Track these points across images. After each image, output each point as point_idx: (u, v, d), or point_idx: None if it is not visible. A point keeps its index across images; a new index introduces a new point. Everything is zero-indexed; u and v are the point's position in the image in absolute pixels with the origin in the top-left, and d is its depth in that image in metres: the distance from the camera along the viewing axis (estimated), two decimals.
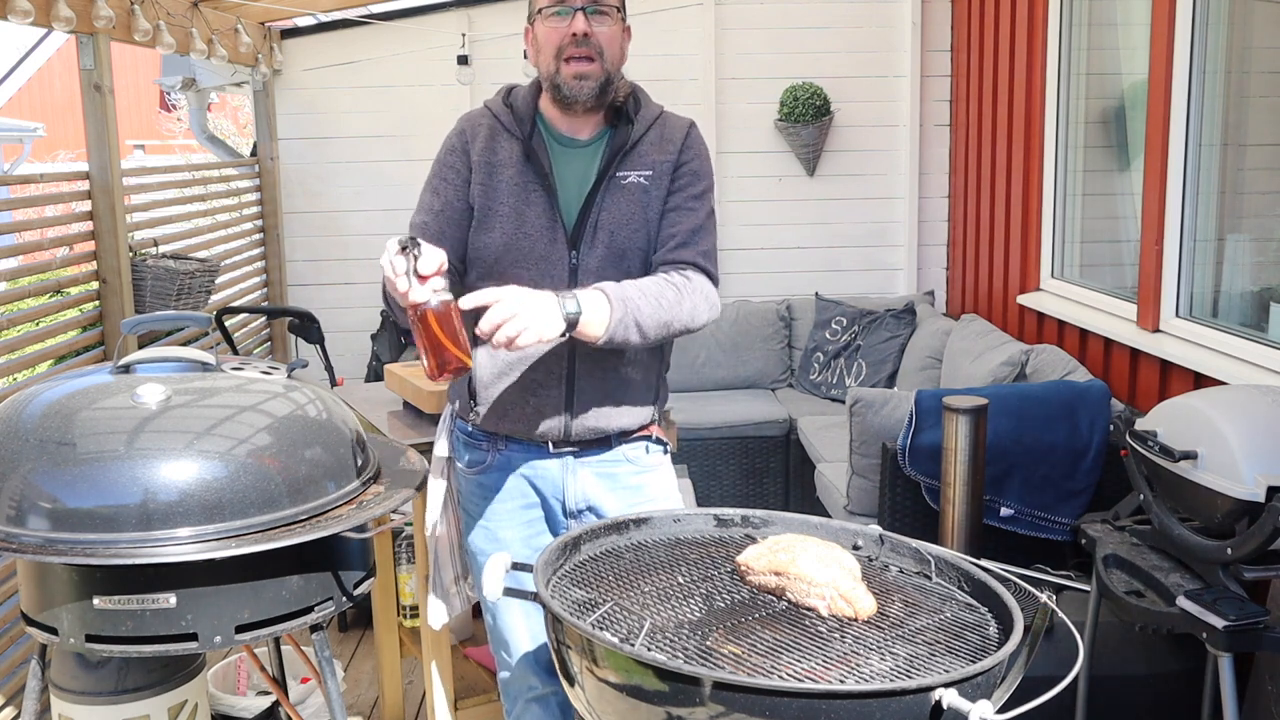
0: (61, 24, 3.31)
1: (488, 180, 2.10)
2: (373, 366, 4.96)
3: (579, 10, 2.03)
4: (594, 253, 2.08)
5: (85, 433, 1.75)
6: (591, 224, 2.09)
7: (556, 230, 2.08)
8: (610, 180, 2.10)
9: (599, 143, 2.14)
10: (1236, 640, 2.11)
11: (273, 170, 5.50)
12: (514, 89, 2.22)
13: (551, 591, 1.54)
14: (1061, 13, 4.33)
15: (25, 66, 15.17)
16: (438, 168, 2.15)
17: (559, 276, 2.07)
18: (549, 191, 2.09)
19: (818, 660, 1.38)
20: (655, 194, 2.11)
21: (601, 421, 2.13)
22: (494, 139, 2.12)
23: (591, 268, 2.07)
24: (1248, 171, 3.59)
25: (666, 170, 2.13)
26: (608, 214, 2.09)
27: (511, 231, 2.08)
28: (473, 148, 2.12)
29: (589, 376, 2.11)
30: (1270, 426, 2.19)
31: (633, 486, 2.20)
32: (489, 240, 2.09)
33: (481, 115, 2.18)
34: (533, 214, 2.08)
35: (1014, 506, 3.39)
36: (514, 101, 2.17)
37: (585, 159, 2.13)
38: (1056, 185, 4.44)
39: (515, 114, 2.14)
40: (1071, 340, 4.13)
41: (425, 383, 2.61)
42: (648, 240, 2.11)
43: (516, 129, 2.12)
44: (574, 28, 2.03)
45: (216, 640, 1.76)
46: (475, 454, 2.21)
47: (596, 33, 2.04)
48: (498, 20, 5.51)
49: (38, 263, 3.83)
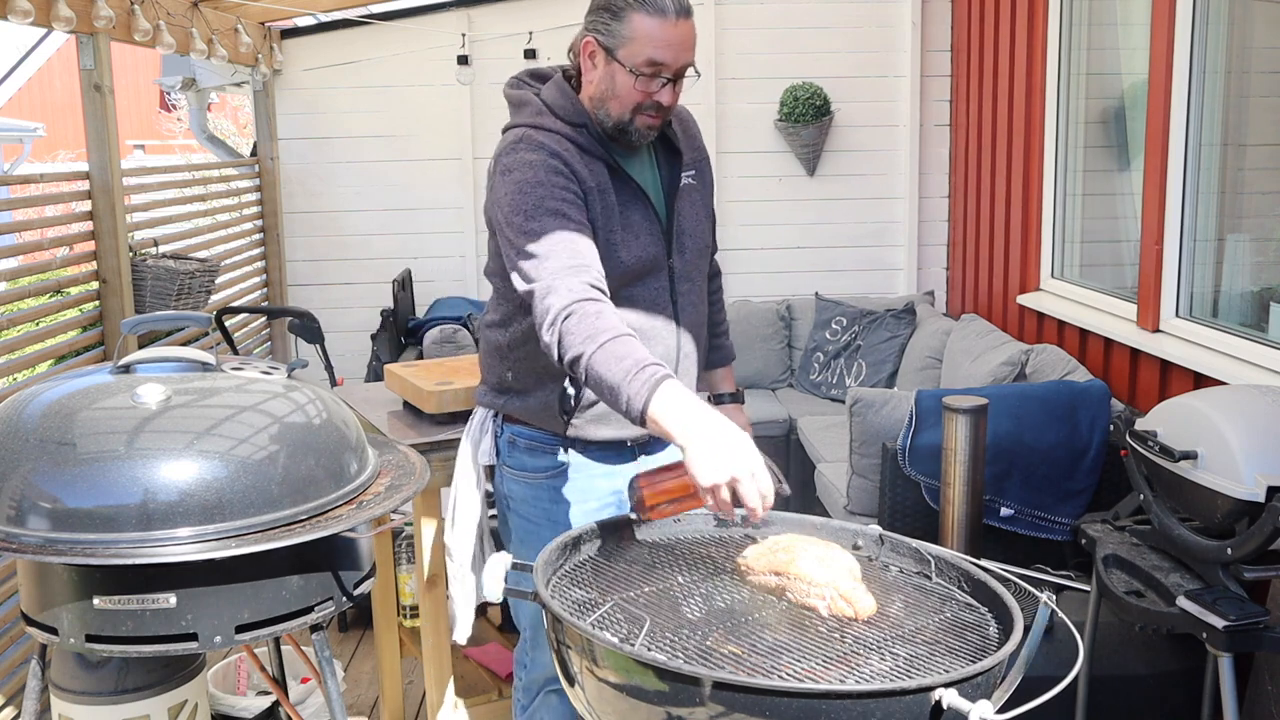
0: (61, 24, 3.31)
1: (599, 203, 2.01)
2: (373, 366, 4.96)
3: (670, 82, 2.00)
4: (684, 257, 2.12)
5: (85, 433, 1.75)
6: (677, 230, 2.12)
7: (659, 241, 2.10)
8: (677, 185, 2.13)
9: (645, 151, 2.15)
10: (1236, 640, 2.11)
11: (273, 170, 5.50)
12: (545, 100, 2.08)
13: (551, 591, 1.54)
14: (1061, 13, 4.33)
15: (25, 66, 15.17)
16: (547, 191, 1.92)
17: (663, 285, 2.10)
18: (646, 204, 2.08)
19: (818, 660, 1.38)
20: (702, 190, 2.19)
21: None
22: (584, 162, 2.02)
23: (683, 272, 2.12)
24: (1248, 171, 3.59)
25: (703, 168, 2.21)
26: (684, 218, 2.13)
27: (627, 255, 2.04)
28: (575, 171, 1.98)
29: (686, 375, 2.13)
30: (1270, 426, 2.19)
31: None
32: (610, 267, 1.97)
33: (555, 141, 2.00)
34: (634, 232, 2.06)
35: (1014, 506, 3.39)
36: (579, 119, 2.05)
37: (646, 166, 2.14)
38: (1056, 185, 4.44)
39: (589, 132, 2.05)
40: (1071, 340, 4.13)
41: (425, 383, 2.61)
42: (710, 236, 2.22)
43: (596, 149, 2.04)
44: (661, 98, 2.00)
45: (216, 640, 1.76)
46: (544, 459, 2.14)
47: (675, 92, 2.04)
48: (498, 20, 5.51)
49: (38, 263, 3.83)
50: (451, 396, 2.53)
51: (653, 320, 2.08)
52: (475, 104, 5.59)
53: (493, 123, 5.63)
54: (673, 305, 2.11)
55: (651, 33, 1.95)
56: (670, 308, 2.11)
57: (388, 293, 5.29)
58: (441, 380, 2.60)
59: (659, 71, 1.98)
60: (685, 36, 1.98)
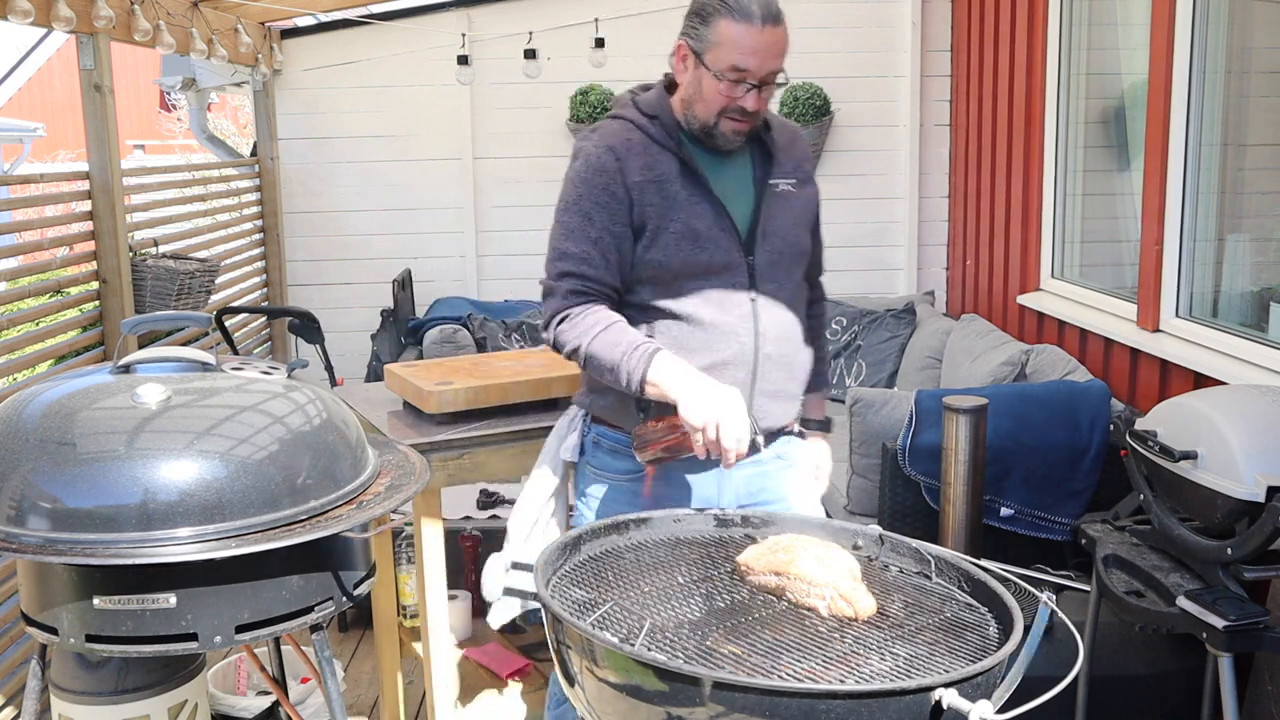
0: (61, 24, 3.31)
1: (656, 196, 2.05)
2: (373, 366, 4.96)
3: (755, 88, 2.01)
4: (766, 256, 2.13)
5: (85, 433, 1.75)
6: (761, 230, 2.12)
7: (730, 237, 2.09)
8: (766, 188, 2.14)
9: (742, 153, 2.15)
10: (1236, 640, 2.11)
11: (273, 170, 5.50)
12: (637, 95, 2.17)
13: (551, 591, 1.54)
14: (1061, 13, 4.33)
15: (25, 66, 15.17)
16: (586, 189, 2.05)
17: (740, 282, 2.10)
18: (715, 200, 2.09)
19: (818, 660, 1.38)
20: (800, 198, 2.20)
21: (773, 420, 2.17)
22: (649, 153, 2.07)
23: (767, 271, 2.12)
24: (1248, 171, 3.59)
25: (806, 178, 2.23)
26: (772, 221, 2.14)
27: (688, 246, 2.06)
28: (628, 165, 2.05)
29: (767, 392, 2.14)
30: (1270, 426, 2.19)
31: (782, 483, 2.24)
32: (665, 256, 2.06)
33: (626, 130, 2.10)
34: (703, 225, 2.07)
35: (1014, 506, 3.39)
36: (656, 112, 2.11)
37: (735, 167, 2.15)
38: (1056, 185, 4.44)
39: (662, 124, 2.09)
40: (1071, 340, 4.13)
41: (425, 383, 2.61)
42: (807, 244, 2.23)
43: (668, 141, 2.08)
44: (746, 104, 2.02)
45: (216, 640, 1.76)
46: (626, 462, 2.15)
47: (761, 98, 2.04)
48: (498, 20, 5.51)
49: (38, 263, 3.83)
50: (451, 396, 2.53)
51: (726, 315, 2.09)
52: (475, 104, 5.59)
53: (493, 123, 5.63)
54: (752, 303, 2.11)
55: (737, 39, 1.97)
56: (748, 305, 2.11)
57: (388, 293, 5.29)
58: (441, 380, 2.60)
59: (743, 77, 1.99)
60: (772, 43, 1.98)
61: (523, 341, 5.05)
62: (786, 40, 2.01)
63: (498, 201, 5.72)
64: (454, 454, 2.46)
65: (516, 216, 5.74)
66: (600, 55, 5.26)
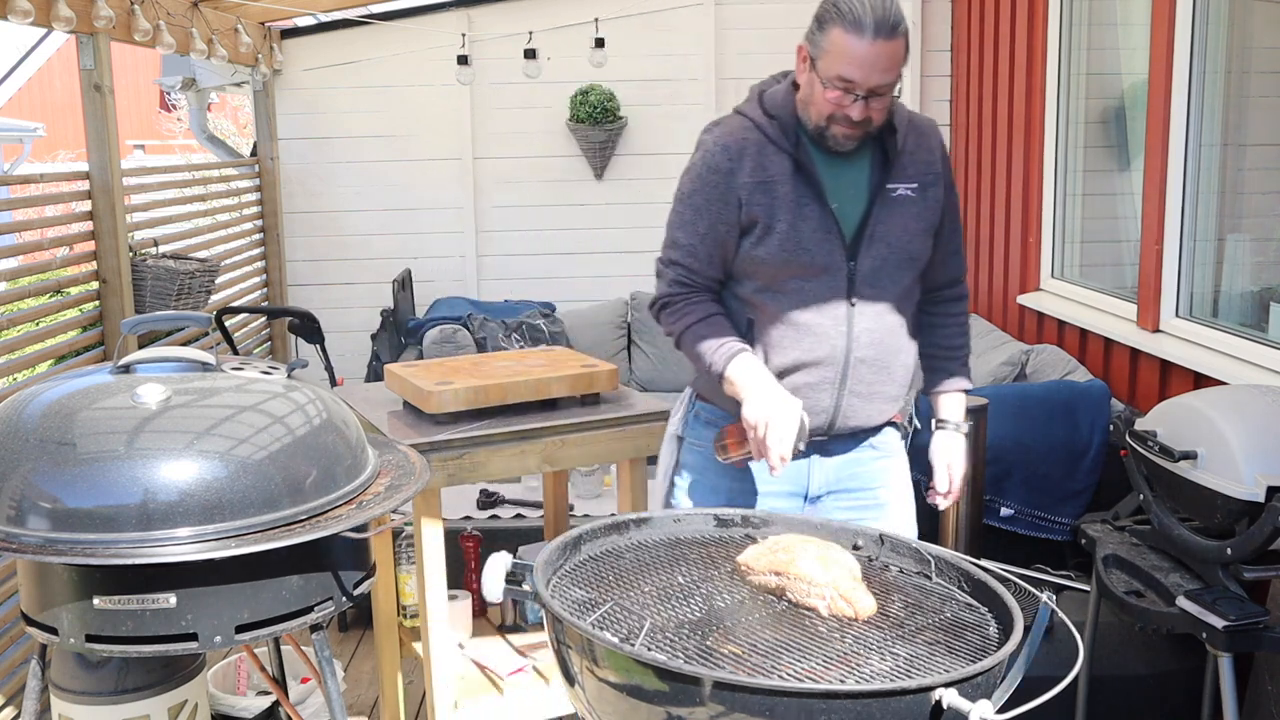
0: (61, 24, 3.31)
1: (764, 197, 2.09)
2: (373, 366, 4.96)
3: (861, 98, 2.01)
4: (871, 262, 2.13)
5: (85, 433, 1.75)
6: (869, 235, 2.13)
7: (834, 240, 2.11)
8: (881, 193, 2.13)
9: (864, 152, 2.15)
10: (1236, 640, 2.11)
11: (273, 170, 5.50)
12: (765, 93, 2.18)
13: (551, 591, 1.54)
14: (1061, 13, 4.33)
15: (25, 66, 15.17)
16: (699, 184, 2.13)
17: (838, 286, 2.12)
18: (823, 203, 2.10)
19: (818, 660, 1.38)
20: (922, 205, 2.17)
21: (861, 420, 2.20)
22: (763, 154, 2.11)
23: (868, 276, 2.13)
24: (1248, 171, 3.59)
25: (931, 181, 2.19)
26: (883, 225, 2.13)
27: (791, 245, 2.09)
28: (740, 167, 2.10)
29: (859, 393, 2.17)
30: (1270, 426, 2.19)
31: (874, 472, 2.27)
32: (768, 254, 2.10)
33: (744, 129, 2.14)
34: (808, 227, 2.09)
35: (1014, 506, 3.39)
36: (777, 112, 2.13)
37: (853, 169, 2.15)
38: (1056, 185, 4.44)
39: (780, 125, 2.12)
40: (1071, 340, 4.13)
41: (425, 383, 2.61)
42: (920, 250, 2.19)
43: (784, 142, 2.11)
44: (852, 114, 2.02)
45: (216, 640, 1.76)
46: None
47: (871, 109, 2.03)
48: (498, 20, 5.51)
49: (38, 263, 3.83)
50: (451, 396, 2.53)
51: (820, 317, 2.12)
52: (475, 104, 5.59)
53: (492, 123, 5.64)
54: (848, 308, 2.13)
55: (845, 49, 1.97)
56: (844, 308, 2.13)
57: (388, 293, 5.29)
58: (441, 380, 2.60)
59: (850, 88, 2.00)
60: (881, 56, 1.97)
61: (523, 341, 5.05)
62: (901, 54, 2.00)
63: (498, 201, 5.72)
64: (454, 454, 2.46)
65: (516, 216, 5.74)
66: (600, 55, 5.26)
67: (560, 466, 2.66)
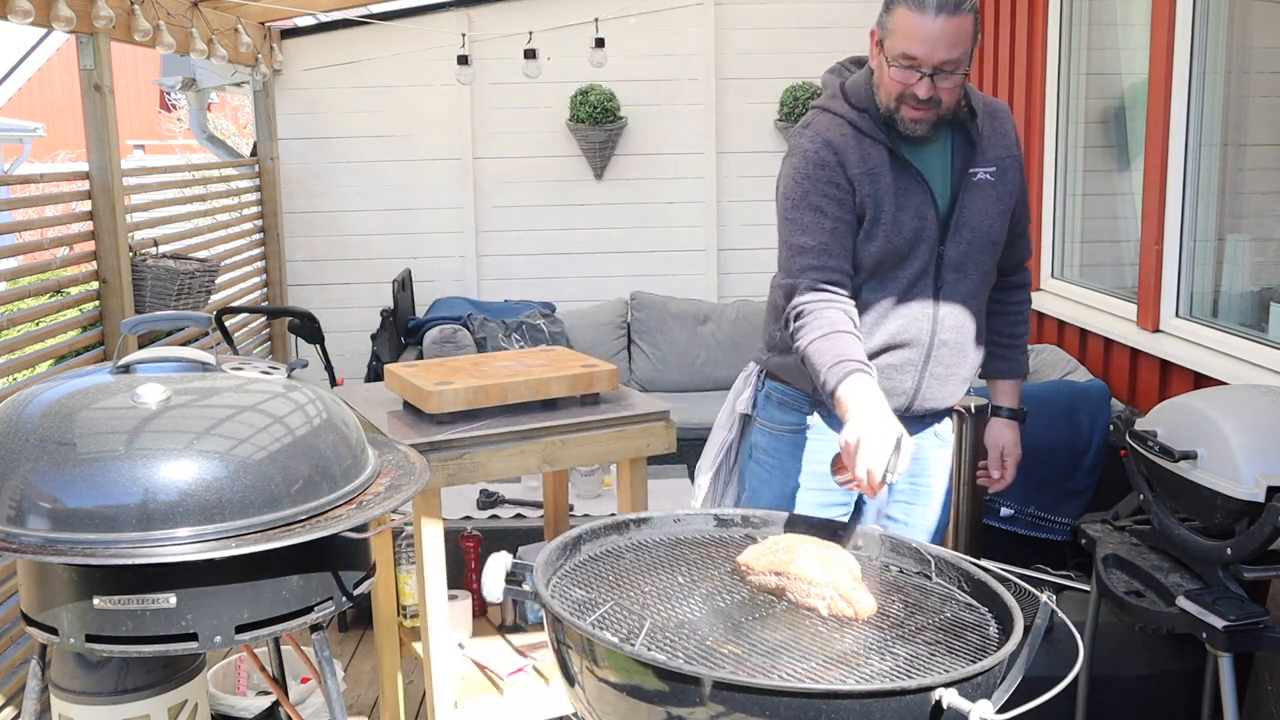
0: (61, 24, 3.31)
1: (872, 187, 2.11)
2: (373, 366, 4.96)
3: (927, 76, 2.02)
4: (958, 247, 2.16)
5: (85, 433, 1.75)
6: (956, 220, 2.16)
7: (929, 227, 2.14)
8: (964, 178, 2.16)
9: (944, 139, 2.18)
10: (1236, 640, 2.11)
11: (273, 170, 5.50)
12: (846, 85, 2.19)
13: (551, 591, 1.54)
14: (1061, 13, 4.33)
15: (25, 66, 15.16)
16: (812, 185, 2.11)
17: (927, 272, 2.16)
18: (924, 189, 2.13)
19: (818, 660, 1.38)
20: (1001, 189, 2.20)
21: (936, 401, 2.25)
22: (861, 146, 2.13)
23: (954, 262, 2.17)
24: (1248, 171, 3.59)
25: (1009, 165, 2.21)
26: (968, 210, 2.17)
27: (894, 235, 2.12)
28: (846, 159, 2.11)
29: (938, 375, 2.21)
30: (1270, 426, 2.19)
31: (931, 459, 2.32)
32: (874, 247, 2.13)
33: (838, 125, 2.15)
34: (907, 216, 2.13)
35: (1014, 506, 3.39)
36: (865, 104, 2.15)
37: (936, 153, 2.17)
38: (1056, 185, 4.44)
39: (871, 117, 2.14)
40: (1071, 340, 4.13)
41: (425, 383, 2.61)
42: (1000, 234, 2.23)
43: (878, 133, 2.13)
44: (918, 91, 2.04)
45: (216, 640, 1.76)
46: (792, 415, 2.28)
47: (939, 89, 2.04)
48: (498, 20, 5.51)
49: (38, 263, 3.83)
50: (451, 396, 2.53)
51: (909, 301, 2.16)
52: (475, 104, 5.59)
53: (492, 123, 5.64)
54: (934, 290, 2.17)
55: (908, 27, 2.00)
56: (931, 292, 2.17)
57: (388, 293, 5.29)
58: (441, 380, 2.60)
59: (915, 65, 2.02)
60: (944, 33, 1.99)
61: (523, 341, 5.05)
62: (968, 31, 2.01)
63: (498, 201, 5.73)
64: (454, 454, 2.46)
65: (516, 216, 5.74)
66: (600, 55, 5.26)
67: (560, 466, 2.66)
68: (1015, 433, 2.41)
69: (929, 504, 2.36)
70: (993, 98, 2.30)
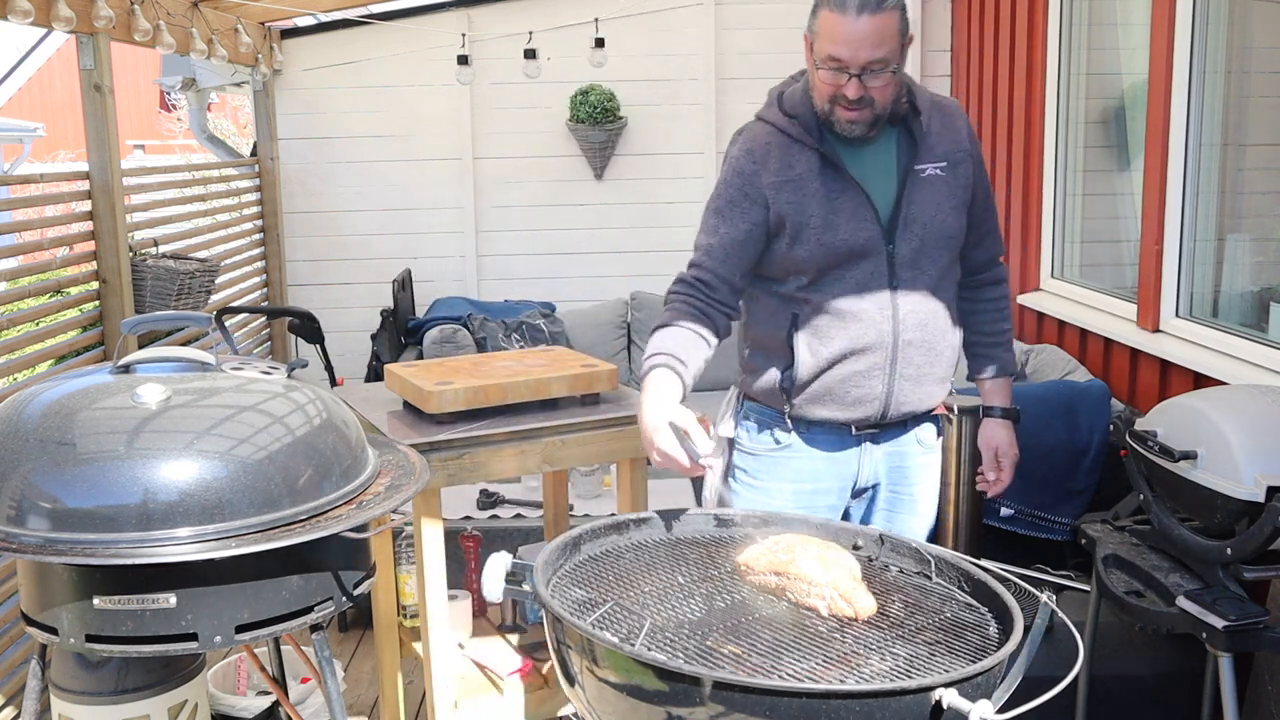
0: (61, 24, 3.31)
1: (794, 196, 2.12)
2: (373, 366, 4.96)
3: (855, 76, 2.03)
4: (909, 244, 2.16)
5: (85, 433, 1.75)
6: (904, 217, 2.15)
7: (871, 227, 2.13)
8: (911, 174, 2.16)
9: (887, 138, 2.18)
10: (1236, 640, 2.11)
11: (273, 170, 5.50)
12: (783, 94, 2.22)
13: (551, 591, 1.54)
14: (1061, 13, 4.33)
15: (25, 66, 15.16)
16: (723, 190, 2.18)
17: (880, 271, 2.15)
18: (856, 190, 2.13)
19: (818, 660, 1.38)
20: (953, 183, 2.20)
21: (914, 404, 2.23)
22: (787, 154, 2.14)
23: (907, 258, 2.15)
24: (1248, 171, 3.59)
25: (960, 159, 2.21)
26: (916, 206, 2.16)
27: (828, 239, 2.12)
28: (764, 170, 2.14)
29: (908, 376, 2.19)
30: (1270, 426, 2.19)
31: (913, 468, 2.30)
32: (807, 253, 2.13)
33: (766, 133, 2.18)
34: (843, 219, 2.12)
35: (1014, 506, 3.39)
36: (795, 111, 2.16)
37: (879, 152, 2.17)
38: (1056, 185, 4.44)
39: (802, 123, 2.15)
40: (1071, 340, 4.13)
41: (425, 383, 2.61)
42: (955, 228, 2.21)
43: (807, 138, 2.14)
44: (846, 91, 2.05)
45: (216, 640, 1.76)
46: (769, 436, 2.27)
47: (870, 88, 2.05)
48: (498, 20, 5.51)
49: (38, 263, 3.83)
50: (451, 396, 2.53)
51: (863, 304, 2.15)
52: (475, 104, 5.59)
53: (492, 123, 5.64)
54: (890, 290, 2.15)
55: (831, 29, 2.02)
56: (887, 294, 2.15)
57: (388, 293, 5.29)
58: (441, 380, 2.60)
59: (842, 66, 2.03)
60: (868, 32, 1.99)
61: (523, 341, 5.05)
62: (892, 29, 2.01)
63: (498, 201, 5.72)
64: (454, 454, 2.46)
65: (516, 216, 5.74)
66: (600, 55, 5.26)
67: (560, 466, 2.66)
68: (1009, 432, 2.39)
69: (913, 514, 2.32)
70: (944, 96, 2.29)
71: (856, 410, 2.20)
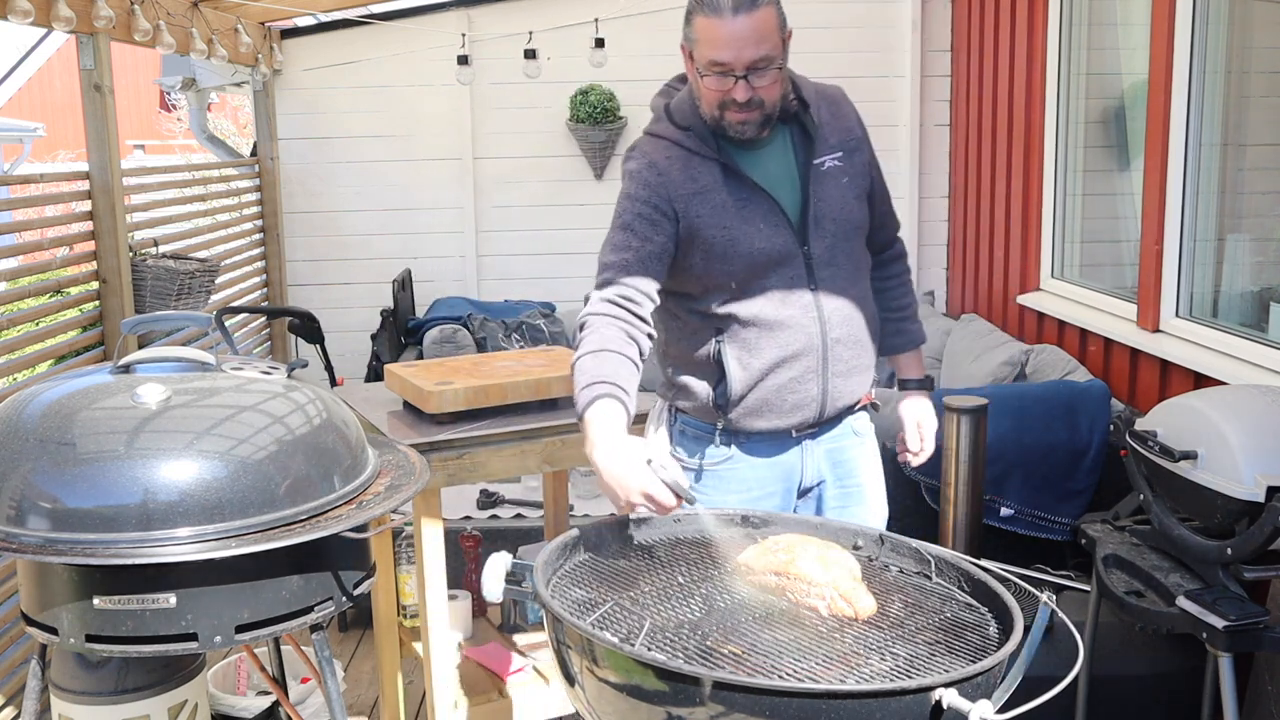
0: (61, 24, 3.31)
1: (703, 209, 2.08)
2: (373, 366, 4.96)
3: (740, 78, 2.00)
4: (823, 241, 2.13)
5: (85, 433, 1.75)
6: (813, 216, 2.12)
7: (784, 231, 2.11)
8: (811, 169, 2.13)
9: (781, 136, 2.15)
10: (1236, 640, 2.11)
11: (273, 170, 5.50)
12: (670, 106, 2.17)
13: (551, 591, 1.54)
14: (1061, 13, 4.33)
15: (25, 66, 15.16)
16: (630, 204, 2.09)
17: (798, 274, 2.12)
18: (763, 197, 2.10)
19: (818, 660, 1.38)
20: (852, 172, 2.17)
21: (847, 398, 2.21)
22: (689, 167, 2.10)
23: (823, 257, 2.13)
24: (1248, 171, 3.59)
25: (853, 146, 2.19)
26: (823, 203, 2.13)
27: (747, 249, 2.08)
28: (669, 182, 2.08)
29: (840, 373, 2.17)
30: (1270, 426, 2.19)
31: (854, 459, 2.28)
32: (722, 266, 2.09)
33: (664, 149, 2.12)
34: (753, 227, 2.09)
35: (1014, 506, 3.39)
36: (687, 122, 2.12)
37: (776, 153, 2.14)
38: (1056, 185, 4.44)
39: (696, 134, 2.11)
40: (1071, 340, 4.13)
41: (425, 383, 2.61)
42: (861, 218, 2.20)
43: (705, 149, 2.10)
44: (735, 95, 2.01)
45: (216, 640, 1.76)
46: (709, 448, 2.22)
47: (757, 88, 2.02)
48: (498, 20, 5.51)
49: (38, 263, 3.83)
50: (451, 396, 2.53)
51: (788, 309, 2.12)
52: (475, 104, 5.58)
53: (492, 123, 5.63)
54: (812, 294, 2.13)
55: (709, 33, 1.98)
56: (809, 296, 2.13)
57: (388, 293, 5.29)
58: (441, 380, 2.60)
59: (726, 70, 1.99)
60: (745, 31, 1.96)
61: (523, 341, 5.05)
62: (770, 25, 1.98)
63: (498, 201, 5.72)
64: (454, 454, 2.46)
65: (516, 216, 5.74)
66: (600, 55, 5.26)
67: (560, 466, 2.66)
68: (928, 400, 2.38)
69: (863, 504, 2.29)
70: (827, 84, 2.24)
71: (795, 416, 2.16)
